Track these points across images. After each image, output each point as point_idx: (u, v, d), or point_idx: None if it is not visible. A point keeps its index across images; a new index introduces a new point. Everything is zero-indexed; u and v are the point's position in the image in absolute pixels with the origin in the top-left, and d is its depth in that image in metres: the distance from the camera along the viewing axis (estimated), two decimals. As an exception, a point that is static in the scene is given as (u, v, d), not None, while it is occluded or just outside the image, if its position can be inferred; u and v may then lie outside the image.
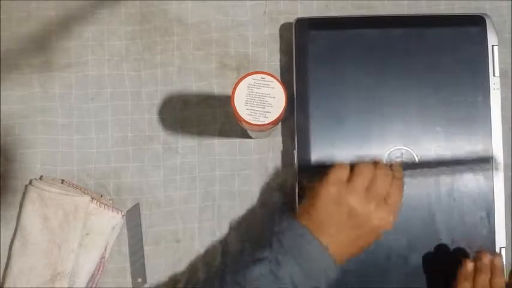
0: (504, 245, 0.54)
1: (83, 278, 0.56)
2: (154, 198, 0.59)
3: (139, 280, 0.57)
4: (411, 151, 0.55)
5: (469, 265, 0.50)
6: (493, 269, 0.50)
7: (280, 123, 0.53)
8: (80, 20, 0.60)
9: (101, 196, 0.58)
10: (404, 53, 0.55)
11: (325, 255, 0.45)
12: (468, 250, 0.54)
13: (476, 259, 0.51)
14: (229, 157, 0.59)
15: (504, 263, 0.54)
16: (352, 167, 0.48)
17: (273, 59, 0.60)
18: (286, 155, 0.59)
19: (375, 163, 0.48)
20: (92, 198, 0.57)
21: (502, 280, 0.50)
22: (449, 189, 0.54)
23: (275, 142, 0.59)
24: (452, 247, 0.54)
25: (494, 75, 0.55)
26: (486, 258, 0.50)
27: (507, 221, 0.55)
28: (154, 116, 0.59)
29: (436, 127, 0.55)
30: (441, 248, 0.54)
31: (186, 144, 0.59)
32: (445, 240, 0.54)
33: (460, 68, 0.55)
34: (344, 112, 0.55)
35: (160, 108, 0.59)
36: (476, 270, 0.50)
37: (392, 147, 0.55)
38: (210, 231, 0.58)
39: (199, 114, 0.59)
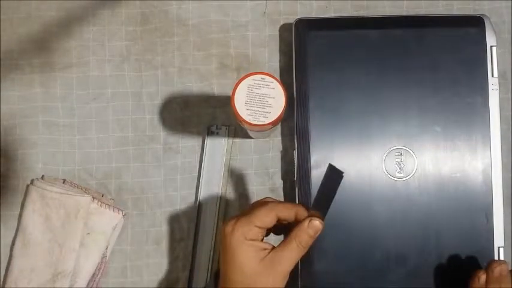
0: (502, 244, 0.54)
1: (84, 277, 0.56)
2: (155, 198, 0.59)
3: None
4: (410, 151, 0.55)
5: (482, 277, 0.50)
6: (500, 278, 0.50)
7: (280, 123, 0.53)
8: (80, 21, 0.60)
9: (102, 196, 0.58)
10: (403, 53, 0.56)
11: None
12: (467, 250, 0.54)
13: (488, 270, 0.50)
14: (230, 157, 0.59)
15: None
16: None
17: (273, 60, 0.60)
18: (286, 155, 0.59)
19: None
20: (93, 198, 0.57)
21: (509, 286, 0.50)
22: (448, 189, 0.55)
23: (275, 142, 0.59)
24: (451, 247, 0.54)
25: (492, 75, 0.55)
26: (498, 270, 0.49)
27: (506, 220, 0.55)
28: (155, 116, 0.59)
29: (435, 127, 0.55)
30: (440, 248, 0.54)
31: (187, 144, 0.59)
32: (443, 239, 0.54)
33: (458, 68, 0.55)
34: (343, 112, 0.55)
35: (160, 109, 0.59)
36: (487, 280, 0.50)
37: (391, 147, 0.55)
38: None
39: (200, 115, 0.59)
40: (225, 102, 0.59)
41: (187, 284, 0.57)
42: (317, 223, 0.44)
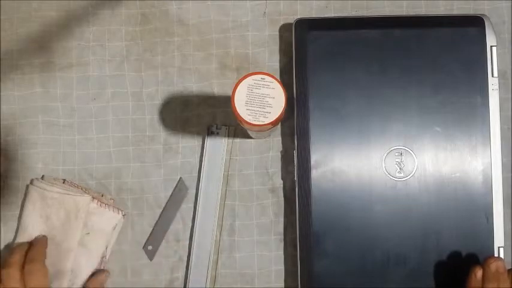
0: (502, 244, 0.54)
1: (83, 277, 0.56)
2: (155, 198, 0.59)
3: (150, 248, 0.57)
4: (410, 151, 0.55)
5: (479, 273, 0.50)
6: (497, 275, 0.50)
7: (280, 123, 0.53)
8: (80, 21, 0.60)
9: (102, 196, 0.58)
10: (403, 53, 0.56)
11: None
12: (467, 250, 0.54)
13: (485, 265, 0.50)
14: (230, 157, 0.59)
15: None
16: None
17: (273, 60, 0.60)
18: (286, 155, 0.59)
19: None
20: (93, 198, 0.57)
21: (507, 285, 0.50)
22: (448, 189, 0.55)
23: (275, 142, 0.59)
24: (451, 247, 0.54)
25: (492, 75, 0.55)
26: (494, 265, 0.50)
27: (506, 220, 0.55)
28: (155, 116, 0.59)
29: (435, 127, 0.55)
30: (440, 248, 0.54)
31: (187, 144, 0.59)
32: (443, 240, 0.54)
33: (458, 68, 0.55)
34: (343, 112, 0.55)
35: (161, 109, 0.59)
36: (484, 277, 0.50)
37: (391, 147, 0.55)
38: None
39: (200, 115, 0.59)
40: (225, 102, 0.59)
41: (184, 285, 0.57)
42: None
